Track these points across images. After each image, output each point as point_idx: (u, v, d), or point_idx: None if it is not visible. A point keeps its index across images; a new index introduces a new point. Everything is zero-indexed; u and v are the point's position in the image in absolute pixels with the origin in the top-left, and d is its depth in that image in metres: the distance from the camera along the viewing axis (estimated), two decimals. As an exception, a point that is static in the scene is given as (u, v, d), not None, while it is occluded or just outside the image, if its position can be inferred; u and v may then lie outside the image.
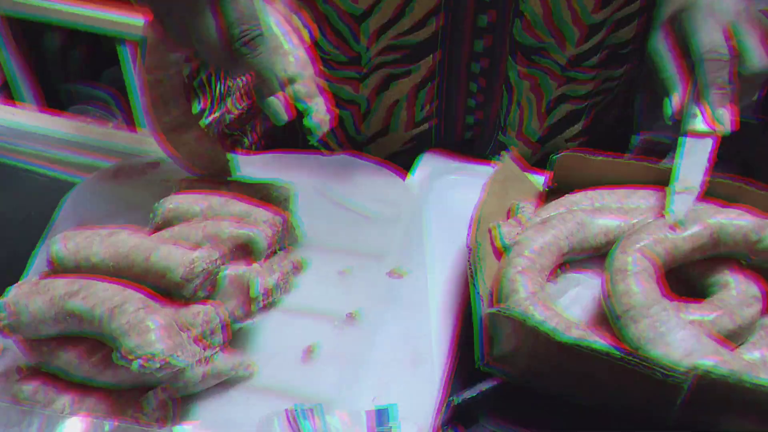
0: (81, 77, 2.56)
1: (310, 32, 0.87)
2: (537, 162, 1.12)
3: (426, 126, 1.09)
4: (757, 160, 1.59)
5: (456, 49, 1.00)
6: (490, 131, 1.10)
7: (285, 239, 0.89)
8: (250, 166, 0.98)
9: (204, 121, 1.13)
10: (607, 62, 1.05)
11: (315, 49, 0.96)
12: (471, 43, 1.00)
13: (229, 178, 0.95)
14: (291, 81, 0.83)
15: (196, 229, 0.82)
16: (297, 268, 0.89)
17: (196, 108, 1.09)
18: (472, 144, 1.10)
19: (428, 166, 1.07)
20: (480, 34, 0.99)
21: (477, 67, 1.02)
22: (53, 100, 2.55)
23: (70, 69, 2.54)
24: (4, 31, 2.30)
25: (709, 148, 0.86)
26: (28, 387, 0.74)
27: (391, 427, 0.71)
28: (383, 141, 1.11)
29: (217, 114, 1.15)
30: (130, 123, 2.50)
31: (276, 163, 1.04)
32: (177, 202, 0.87)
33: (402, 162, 1.12)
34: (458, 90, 1.05)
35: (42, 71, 2.50)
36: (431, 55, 1.01)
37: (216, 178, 0.94)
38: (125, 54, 2.23)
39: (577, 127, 1.12)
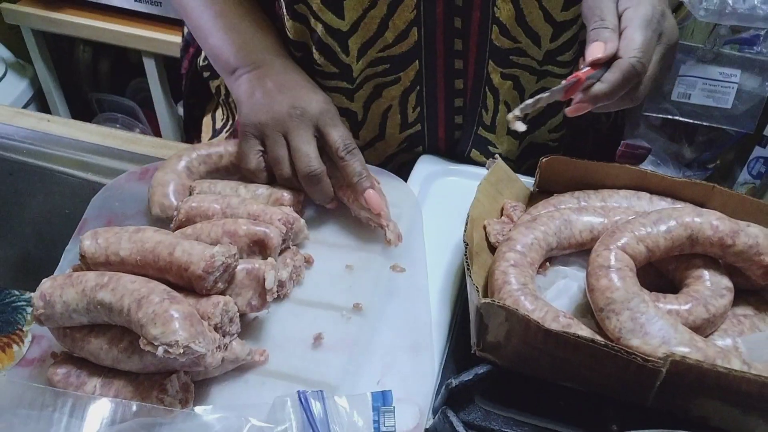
0: (108, 88, 2.56)
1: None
2: (521, 155, 1.11)
3: (417, 127, 1.08)
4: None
5: (434, 53, 0.99)
6: (474, 129, 1.08)
7: (297, 236, 0.90)
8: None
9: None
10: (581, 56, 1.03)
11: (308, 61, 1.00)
12: (445, 45, 0.98)
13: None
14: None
15: (216, 226, 0.82)
16: (307, 263, 0.89)
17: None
18: (460, 142, 1.09)
19: (426, 169, 1.07)
20: (456, 35, 0.97)
21: (459, 64, 1.01)
22: (83, 110, 2.55)
23: (98, 81, 2.55)
24: (38, 46, 2.30)
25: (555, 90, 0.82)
26: (62, 371, 0.74)
27: (386, 409, 0.71)
28: (380, 145, 1.10)
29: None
30: (154, 129, 2.50)
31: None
32: (198, 201, 0.88)
33: (399, 161, 1.13)
34: (441, 92, 1.04)
35: (73, 82, 2.50)
36: (415, 62, 1.00)
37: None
38: (149, 67, 2.23)
39: (558, 119, 1.11)
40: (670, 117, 2.05)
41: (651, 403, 0.70)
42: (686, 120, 2.05)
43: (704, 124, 2.06)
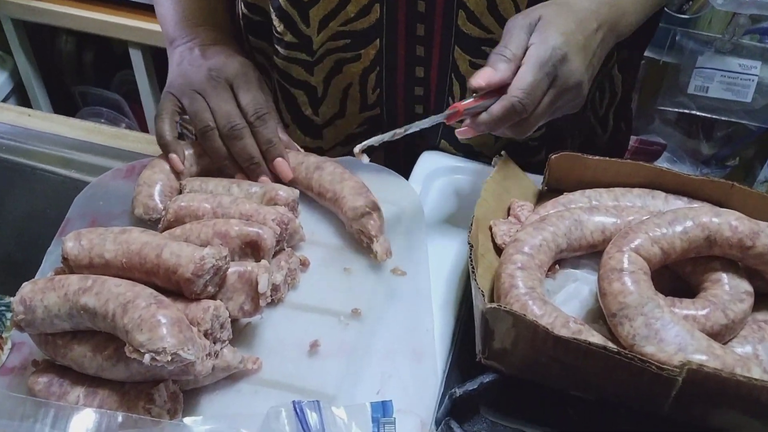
0: (92, 81, 2.56)
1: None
2: (498, 151, 1.12)
3: (377, 111, 1.10)
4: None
5: (395, 35, 1.01)
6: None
7: (292, 238, 0.90)
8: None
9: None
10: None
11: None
12: (407, 29, 1.00)
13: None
14: (365, 214, 0.88)
15: (206, 226, 0.82)
16: (303, 265, 0.90)
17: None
18: (428, 132, 1.08)
19: (428, 166, 1.08)
20: (418, 19, 0.99)
21: (421, 51, 1.02)
22: (65, 103, 2.55)
23: (81, 73, 2.55)
24: (18, 36, 2.30)
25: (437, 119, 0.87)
26: (43, 379, 0.74)
27: (387, 421, 0.71)
28: (340, 123, 1.12)
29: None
30: (140, 125, 2.50)
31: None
32: (187, 200, 0.88)
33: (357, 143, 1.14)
34: (401, 78, 1.06)
35: (55, 74, 2.50)
36: (377, 40, 1.02)
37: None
38: (135, 58, 2.23)
39: None
40: (686, 111, 2.05)
41: (666, 414, 0.70)
42: (703, 114, 2.05)
43: (723, 118, 2.06)
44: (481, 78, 0.84)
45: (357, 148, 0.87)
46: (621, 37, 0.94)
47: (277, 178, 0.97)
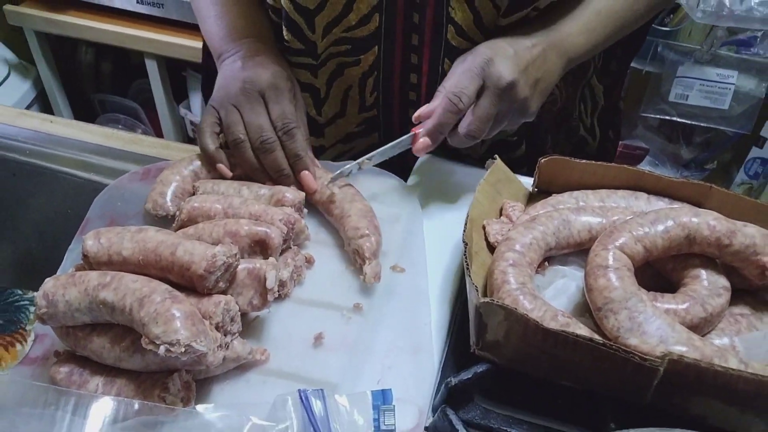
0: (111, 89, 2.56)
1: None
2: (487, 153, 1.12)
3: (374, 112, 1.11)
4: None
5: (392, 44, 1.02)
6: None
7: (298, 237, 0.90)
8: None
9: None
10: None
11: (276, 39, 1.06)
12: (404, 38, 1.01)
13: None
14: (363, 236, 0.87)
15: (217, 226, 0.82)
16: (308, 263, 0.90)
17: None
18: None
19: (425, 169, 1.08)
20: (414, 30, 1.00)
21: (415, 59, 1.03)
22: (85, 111, 2.55)
23: (100, 82, 2.55)
24: (40, 47, 2.30)
25: (401, 143, 0.96)
26: (64, 369, 0.74)
27: (386, 408, 0.71)
28: (341, 122, 1.13)
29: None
30: (155, 130, 2.50)
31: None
32: (200, 201, 0.88)
33: (359, 145, 1.16)
34: (397, 82, 1.07)
35: (76, 83, 2.50)
36: (375, 47, 1.03)
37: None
38: (151, 68, 2.23)
39: None
40: (667, 118, 2.06)
41: (649, 402, 0.70)
42: (684, 121, 2.05)
43: (701, 124, 2.06)
44: (418, 110, 0.94)
45: (328, 181, 0.95)
46: (572, 55, 0.97)
47: (301, 188, 0.96)
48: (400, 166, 1.11)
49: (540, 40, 0.94)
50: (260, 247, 0.82)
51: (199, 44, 1.31)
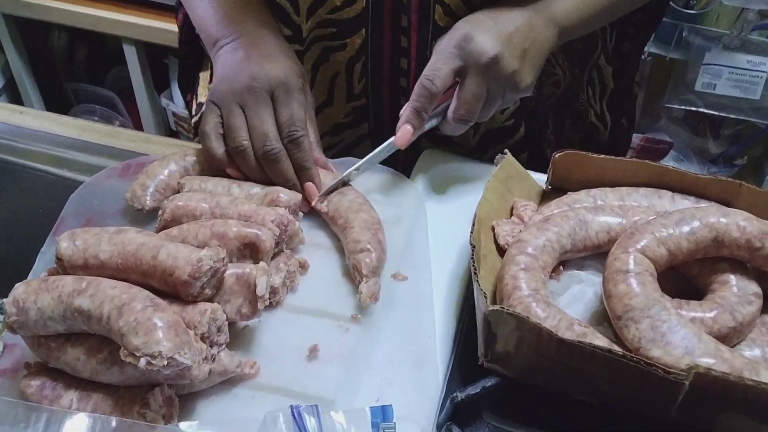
0: (85, 78, 2.56)
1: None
2: (481, 144, 1.13)
3: (363, 101, 1.12)
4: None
5: (381, 26, 1.02)
6: None
7: (291, 240, 0.90)
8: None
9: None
10: None
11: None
12: (392, 20, 1.02)
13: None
14: (363, 251, 0.87)
15: (204, 227, 0.82)
16: (302, 268, 0.90)
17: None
18: None
19: (429, 165, 1.08)
20: (403, 10, 1.00)
21: (405, 42, 1.04)
22: (58, 101, 2.55)
23: (75, 68, 2.55)
24: (9, 32, 2.30)
25: (387, 146, 0.97)
26: (36, 383, 0.74)
27: (387, 426, 0.71)
28: (329, 111, 1.13)
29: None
30: (134, 122, 2.50)
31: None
32: (185, 200, 0.88)
33: (348, 137, 1.17)
34: (387, 68, 1.07)
35: (48, 71, 2.50)
36: (362, 30, 1.03)
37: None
38: (129, 54, 2.23)
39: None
40: (693, 109, 2.06)
41: (673, 418, 0.71)
42: (711, 112, 2.05)
43: (731, 116, 2.06)
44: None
45: (315, 200, 0.95)
46: (563, 23, 0.98)
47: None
48: (402, 160, 1.12)
49: (523, 9, 0.95)
50: (250, 251, 0.82)
51: (180, 28, 1.31)
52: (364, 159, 0.98)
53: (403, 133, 0.94)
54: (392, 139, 0.96)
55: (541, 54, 0.96)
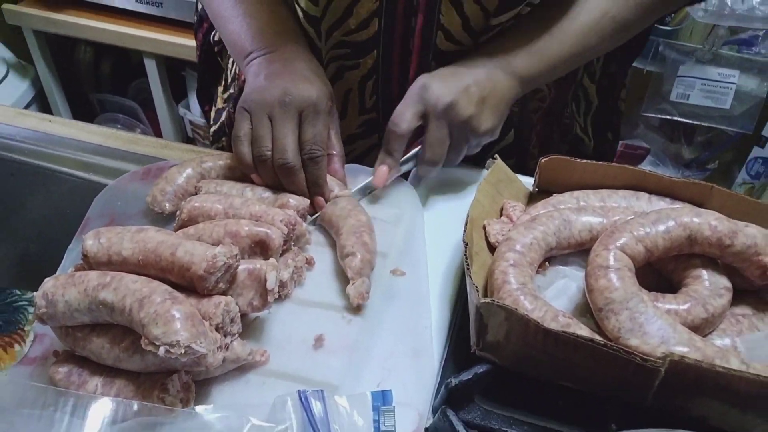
0: (110, 89, 2.56)
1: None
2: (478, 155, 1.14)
3: (373, 115, 1.12)
4: None
5: (393, 48, 1.03)
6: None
7: (298, 240, 0.90)
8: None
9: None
10: None
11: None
12: (402, 42, 1.03)
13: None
14: (349, 255, 0.87)
15: (218, 226, 0.82)
16: (309, 264, 0.90)
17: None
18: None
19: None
20: (410, 35, 1.02)
21: (410, 67, 1.05)
22: (84, 111, 2.56)
23: (100, 80, 2.55)
24: (39, 47, 2.30)
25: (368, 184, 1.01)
26: (63, 369, 0.74)
27: (386, 409, 0.71)
28: (343, 124, 1.13)
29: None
30: (154, 130, 2.50)
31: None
32: (201, 201, 0.88)
33: (360, 147, 1.18)
34: (396, 86, 1.08)
35: (74, 83, 2.50)
36: (374, 51, 1.03)
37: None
38: (150, 67, 2.23)
39: None
40: (668, 117, 2.06)
41: (650, 403, 0.70)
42: (685, 120, 2.05)
43: (703, 124, 2.06)
44: None
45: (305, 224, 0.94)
46: (523, 74, 0.99)
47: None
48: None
49: (484, 62, 0.98)
50: (260, 248, 0.82)
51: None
52: (353, 189, 1.00)
53: (380, 173, 0.99)
54: (370, 179, 0.99)
55: (501, 101, 0.98)
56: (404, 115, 0.95)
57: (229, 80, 1.29)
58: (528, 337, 0.70)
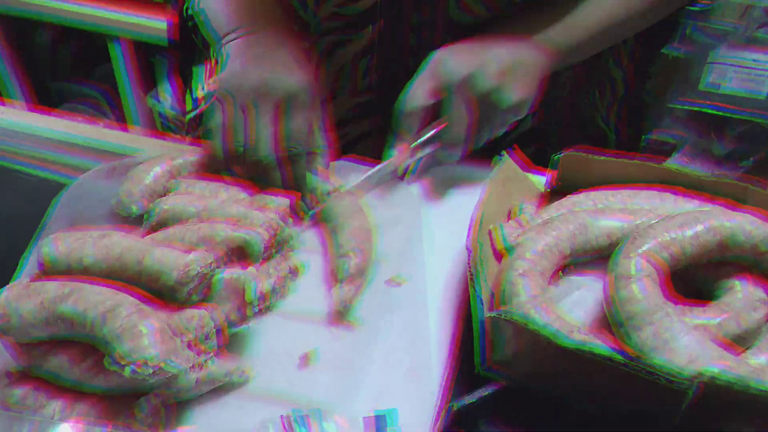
0: (71, 75, 2.55)
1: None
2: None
3: (368, 96, 1.13)
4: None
5: (395, 21, 1.03)
6: None
7: (282, 243, 0.90)
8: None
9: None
10: None
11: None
12: (409, 16, 1.03)
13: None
14: (345, 254, 0.88)
15: (191, 231, 0.82)
16: (294, 273, 0.89)
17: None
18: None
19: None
20: (418, 6, 1.02)
21: (413, 40, 1.05)
22: (43, 98, 2.55)
23: (60, 66, 2.54)
24: (-9, 28, 2.30)
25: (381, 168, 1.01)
26: (18, 391, 0.74)
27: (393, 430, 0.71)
28: (333, 105, 1.12)
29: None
30: (122, 121, 2.50)
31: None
32: (172, 203, 0.88)
33: (351, 133, 1.18)
34: (399, 64, 1.08)
35: (31, 68, 2.49)
36: (371, 26, 1.04)
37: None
38: (116, 51, 2.23)
39: None
40: (698, 108, 2.06)
41: (677, 427, 0.71)
42: (717, 112, 2.05)
43: (737, 116, 2.06)
44: None
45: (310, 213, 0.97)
46: (550, 47, 1.00)
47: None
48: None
49: (505, 34, 0.99)
50: (238, 255, 0.82)
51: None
52: (363, 177, 1.00)
53: (398, 154, 0.98)
54: (387, 160, 0.99)
55: (527, 75, 0.98)
56: (416, 92, 0.96)
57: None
58: (540, 355, 0.71)
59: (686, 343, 0.71)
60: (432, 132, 0.99)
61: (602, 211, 0.87)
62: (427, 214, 0.99)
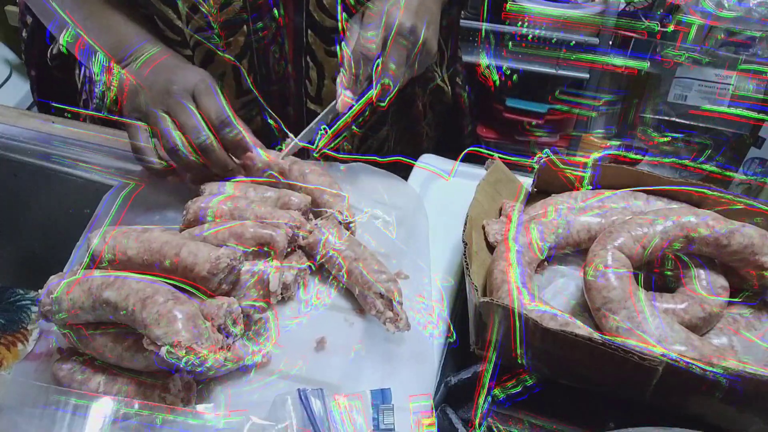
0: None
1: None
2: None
3: (251, 96, 1.09)
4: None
5: (261, 19, 1.01)
6: (300, 103, 1.11)
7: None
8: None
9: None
10: None
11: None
12: (270, 15, 1.01)
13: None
14: (391, 280, 0.84)
15: (222, 228, 0.82)
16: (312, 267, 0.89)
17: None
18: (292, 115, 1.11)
19: (425, 169, 1.08)
20: (278, 6, 1.00)
21: (283, 43, 1.04)
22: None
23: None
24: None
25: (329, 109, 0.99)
26: (67, 366, 0.75)
27: (386, 407, 0.71)
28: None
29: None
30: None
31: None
32: (206, 202, 0.88)
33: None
34: (272, 62, 1.06)
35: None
36: (243, 27, 1.01)
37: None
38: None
39: None
40: (666, 118, 2.06)
41: (648, 401, 0.71)
42: (682, 121, 2.05)
43: (700, 125, 2.06)
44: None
45: (282, 155, 0.96)
46: None
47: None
48: (403, 164, 1.12)
49: None
50: (265, 250, 0.82)
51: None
52: (306, 128, 0.99)
53: (346, 99, 0.96)
54: (333, 103, 0.97)
55: (435, 25, 1.00)
56: (373, 39, 0.94)
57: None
58: (527, 336, 0.70)
59: (656, 325, 0.71)
60: (376, 71, 0.97)
61: (582, 209, 0.87)
62: (428, 211, 0.99)
